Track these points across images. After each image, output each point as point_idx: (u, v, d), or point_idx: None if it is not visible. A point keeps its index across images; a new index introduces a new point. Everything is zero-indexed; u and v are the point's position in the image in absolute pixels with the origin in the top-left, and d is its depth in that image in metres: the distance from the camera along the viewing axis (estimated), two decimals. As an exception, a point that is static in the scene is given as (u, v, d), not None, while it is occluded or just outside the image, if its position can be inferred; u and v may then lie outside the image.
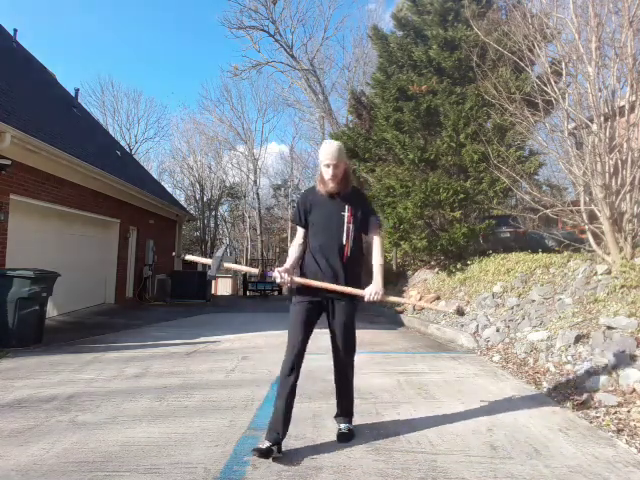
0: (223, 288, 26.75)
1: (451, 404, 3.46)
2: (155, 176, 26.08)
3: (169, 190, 24.49)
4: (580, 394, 3.58)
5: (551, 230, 9.06)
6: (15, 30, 13.67)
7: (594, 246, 5.97)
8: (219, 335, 6.75)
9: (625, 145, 5.60)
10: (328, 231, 2.68)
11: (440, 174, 10.00)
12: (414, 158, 10.06)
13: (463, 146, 9.75)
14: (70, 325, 7.91)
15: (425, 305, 5.81)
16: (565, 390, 3.73)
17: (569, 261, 6.53)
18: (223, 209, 39.51)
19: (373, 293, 2.61)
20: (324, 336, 2.78)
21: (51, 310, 8.13)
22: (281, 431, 2.49)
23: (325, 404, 3.36)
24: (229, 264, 2.97)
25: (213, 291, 21.46)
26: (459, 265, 9.02)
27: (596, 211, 5.81)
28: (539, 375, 4.23)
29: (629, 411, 3.17)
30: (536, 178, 9.69)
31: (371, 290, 2.62)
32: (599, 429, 2.98)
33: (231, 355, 5.27)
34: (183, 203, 29.06)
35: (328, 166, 2.64)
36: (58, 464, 2.42)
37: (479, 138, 8.86)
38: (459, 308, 3.06)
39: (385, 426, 2.99)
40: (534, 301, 6.02)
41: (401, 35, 11.63)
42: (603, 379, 3.63)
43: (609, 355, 3.91)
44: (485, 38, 7.62)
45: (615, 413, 3.18)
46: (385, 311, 9.54)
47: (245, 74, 22.40)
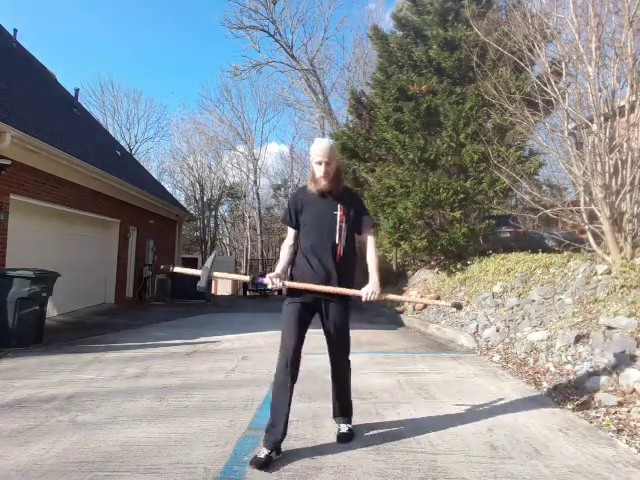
0: (223, 288, 26.75)
1: (451, 404, 3.46)
2: (155, 176, 26.09)
3: (169, 190, 24.49)
4: (580, 394, 3.58)
5: (551, 230, 9.06)
6: (15, 30, 13.68)
7: (594, 246, 5.97)
8: (219, 335, 6.75)
9: (625, 145, 5.60)
10: (320, 230, 2.65)
11: (440, 174, 10.00)
12: (414, 158, 10.06)
13: (463, 146, 9.75)
14: (70, 325, 7.91)
15: (423, 300, 5.84)
16: (565, 390, 3.74)
17: (569, 261, 6.53)
18: (223, 209, 39.54)
19: (370, 292, 2.59)
20: (323, 336, 2.77)
21: (51, 310, 8.13)
22: (280, 435, 2.47)
23: (325, 404, 3.35)
24: (219, 274, 2.87)
25: (213, 291, 21.48)
26: (459, 265, 9.02)
27: (596, 211, 5.81)
28: (539, 375, 4.23)
29: (629, 411, 3.17)
30: (536, 178, 9.69)
31: (368, 290, 2.60)
32: (599, 429, 2.98)
33: (231, 355, 5.27)
34: (183, 203, 29.06)
35: (320, 163, 2.62)
36: (58, 464, 2.42)
37: (479, 138, 8.86)
38: (456, 302, 3.07)
39: (385, 426, 2.99)
40: (534, 301, 6.02)
41: (401, 35, 11.63)
42: (603, 379, 3.63)
43: (609, 355, 3.91)
44: (485, 38, 7.62)
45: (615, 413, 3.18)
46: (385, 311, 9.54)
47: (245, 74, 22.45)
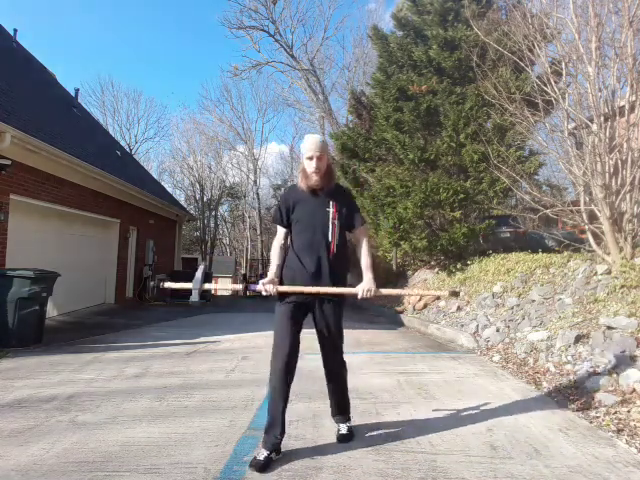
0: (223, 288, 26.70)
1: (451, 404, 3.46)
2: (155, 176, 26.11)
3: (169, 190, 24.50)
4: (580, 394, 3.58)
5: (551, 230, 9.06)
6: (15, 30, 13.68)
7: (594, 246, 5.97)
8: (219, 335, 6.75)
9: (625, 145, 5.60)
10: (313, 228, 2.61)
11: (440, 174, 10.00)
12: (414, 158, 10.06)
13: (463, 146, 9.75)
14: (70, 325, 7.91)
15: (419, 292, 5.82)
16: (565, 390, 3.73)
17: (569, 261, 6.53)
18: (223, 209, 39.58)
19: (366, 290, 2.58)
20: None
21: (51, 310, 8.14)
22: (279, 436, 2.47)
23: (325, 404, 3.34)
24: (209, 285, 2.81)
25: (213, 291, 21.47)
26: (459, 265, 9.02)
27: (596, 211, 5.81)
28: (539, 375, 4.23)
29: (629, 411, 3.17)
30: (536, 178, 9.69)
31: (363, 287, 2.58)
32: (599, 429, 2.98)
33: (231, 355, 5.27)
34: (183, 203, 29.07)
35: (311, 158, 2.58)
36: (58, 464, 2.42)
37: (479, 138, 8.86)
38: (453, 290, 3.08)
39: (385, 426, 2.99)
40: (534, 301, 6.02)
41: (401, 35, 11.64)
42: (603, 379, 3.62)
43: (609, 355, 3.91)
44: (485, 38, 7.62)
45: (615, 413, 3.18)
46: (385, 311, 9.53)
47: (245, 74, 22.49)
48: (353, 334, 6.58)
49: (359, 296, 2.59)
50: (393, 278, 11.82)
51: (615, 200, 5.57)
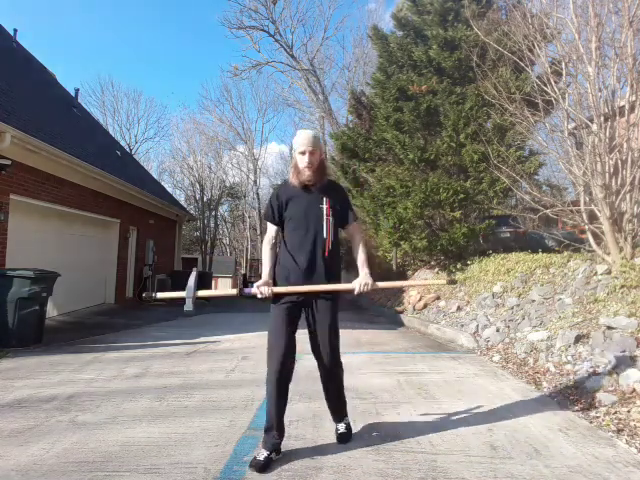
0: (223, 288, 26.76)
1: (451, 404, 3.46)
2: (155, 176, 26.10)
3: (169, 190, 24.49)
4: (580, 394, 3.58)
5: (551, 230, 9.06)
6: (15, 30, 13.69)
7: (594, 246, 5.97)
8: (219, 335, 6.75)
9: (625, 145, 5.60)
10: (307, 225, 2.57)
11: (440, 174, 10.00)
12: (414, 158, 10.06)
13: (463, 146, 9.75)
14: (70, 325, 7.91)
15: (417, 283, 5.80)
16: (565, 390, 3.73)
17: (569, 261, 6.53)
18: (223, 209, 39.55)
19: (362, 285, 2.55)
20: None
21: (51, 310, 8.14)
22: (278, 436, 2.47)
23: (325, 404, 3.36)
24: (202, 292, 2.72)
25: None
26: (459, 265, 9.02)
27: (596, 211, 5.81)
28: (539, 375, 4.23)
29: (629, 411, 3.17)
30: (536, 178, 9.69)
31: (360, 282, 2.55)
32: (599, 429, 2.98)
33: (231, 355, 5.27)
34: (183, 203, 29.06)
35: (303, 153, 2.54)
36: (58, 464, 2.42)
37: (479, 138, 8.86)
38: (450, 279, 3.08)
39: (385, 426, 2.99)
40: (534, 301, 6.02)
41: (401, 35, 11.63)
42: (603, 379, 3.62)
43: (609, 355, 3.91)
44: (485, 38, 7.62)
45: (615, 413, 3.18)
46: (385, 311, 9.53)
47: (245, 74, 22.48)
48: (353, 334, 6.59)
49: (356, 291, 2.56)
50: (393, 278, 11.79)
51: (615, 200, 5.57)
